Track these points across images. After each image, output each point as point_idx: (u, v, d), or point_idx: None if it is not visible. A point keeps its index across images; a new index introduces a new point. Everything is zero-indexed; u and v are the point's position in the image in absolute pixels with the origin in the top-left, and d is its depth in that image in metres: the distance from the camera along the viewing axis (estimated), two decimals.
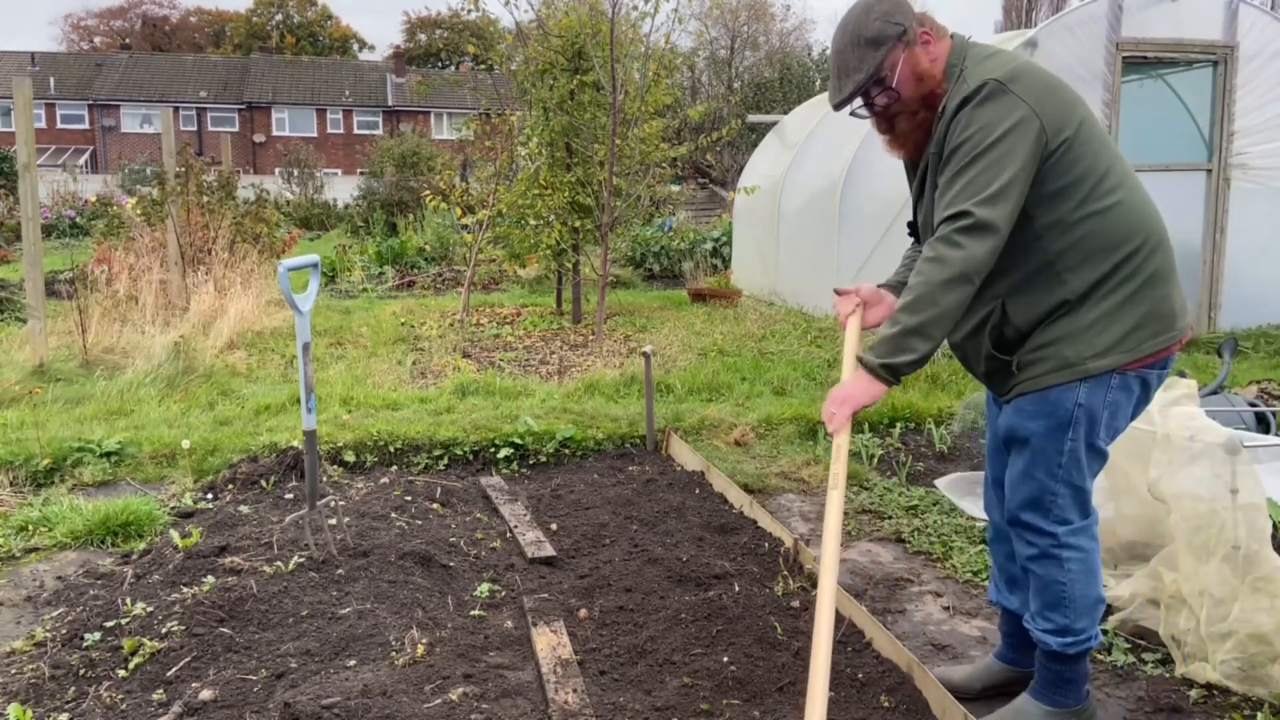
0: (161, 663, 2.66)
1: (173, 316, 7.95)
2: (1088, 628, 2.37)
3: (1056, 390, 2.28)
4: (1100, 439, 2.32)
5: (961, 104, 2.22)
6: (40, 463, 4.51)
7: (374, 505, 3.89)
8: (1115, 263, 2.25)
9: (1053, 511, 2.33)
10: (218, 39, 60.83)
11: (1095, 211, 2.23)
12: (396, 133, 32.52)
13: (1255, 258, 7.77)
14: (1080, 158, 2.23)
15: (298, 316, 3.26)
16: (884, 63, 2.27)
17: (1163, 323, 2.29)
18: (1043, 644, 2.40)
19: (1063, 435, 2.29)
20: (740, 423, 5.25)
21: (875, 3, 2.31)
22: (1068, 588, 2.34)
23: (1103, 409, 2.28)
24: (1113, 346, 2.25)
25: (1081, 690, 2.43)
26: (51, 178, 26.00)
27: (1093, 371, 2.25)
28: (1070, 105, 2.25)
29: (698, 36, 26.67)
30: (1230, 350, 5.65)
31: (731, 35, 32.36)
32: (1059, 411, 2.28)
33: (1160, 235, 2.32)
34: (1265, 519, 2.65)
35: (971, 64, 2.29)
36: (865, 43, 2.28)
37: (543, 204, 8.86)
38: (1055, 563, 2.34)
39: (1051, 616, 2.37)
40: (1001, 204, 2.15)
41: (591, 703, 2.47)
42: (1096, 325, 2.25)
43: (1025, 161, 2.16)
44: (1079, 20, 7.22)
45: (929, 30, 2.33)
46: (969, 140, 2.19)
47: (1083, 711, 2.44)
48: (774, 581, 3.26)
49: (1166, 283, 2.32)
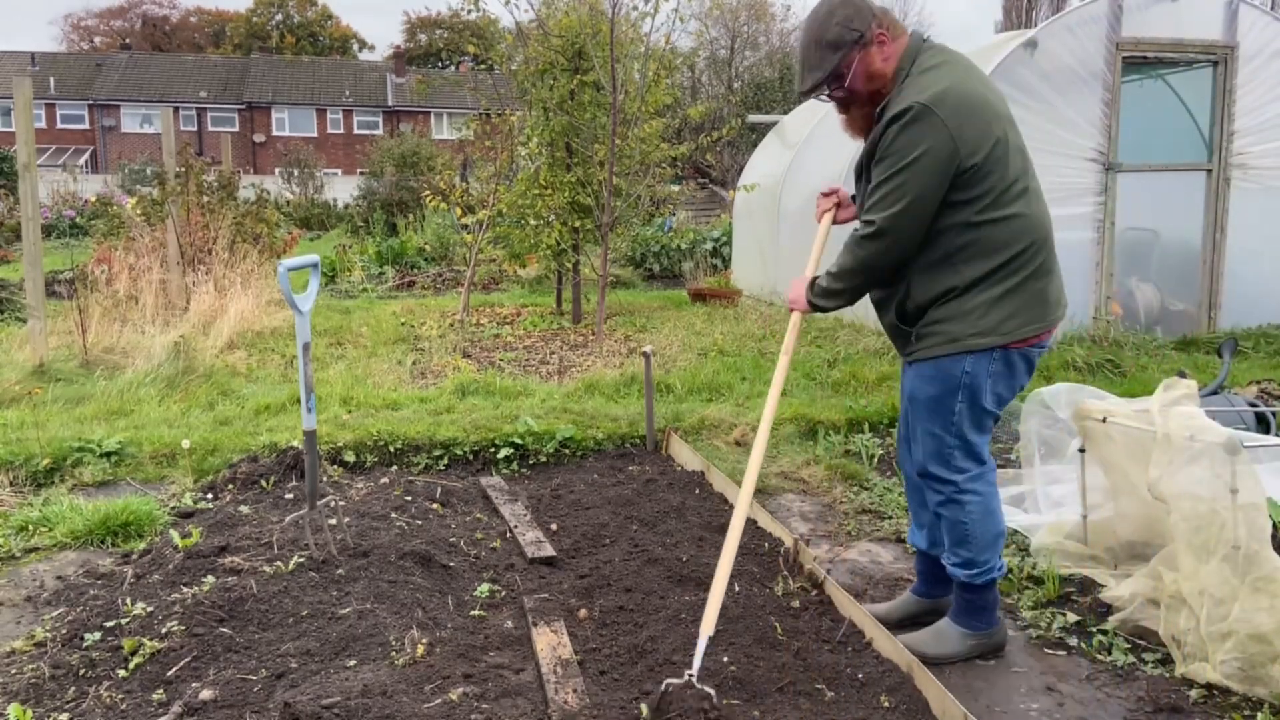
0: (161, 663, 2.66)
1: (173, 316, 7.95)
2: (990, 560, 2.80)
3: (946, 360, 2.70)
4: (986, 401, 2.72)
5: (891, 121, 2.57)
6: (40, 463, 4.51)
7: (374, 505, 3.89)
8: (1001, 261, 2.63)
9: (951, 462, 2.76)
10: (218, 39, 60.82)
11: (993, 219, 2.61)
12: (396, 133, 32.51)
13: (1255, 258, 7.76)
14: (989, 174, 2.58)
15: (298, 316, 3.26)
16: (841, 63, 2.63)
17: (1037, 312, 2.68)
18: (955, 576, 2.84)
19: (953, 398, 2.71)
20: (740, 423, 5.25)
21: (838, 6, 2.63)
22: (969, 526, 2.77)
23: (986, 378, 2.69)
24: (992, 329, 2.64)
25: (993, 616, 2.87)
26: (51, 178, 26.00)
27: (974, 347, 2.65)
28: (988, 127, 2.58)
29: (698, 36, 26.65)
30: (1230, 350, 5.65)
31: (731, 35, 32.34)
32: (948, 379, 2.70)
33: (1044, 239, 2.71)
34: (1265, 519, 2.64)
35: (915, 73, 2.63)
36: (825, 45, 2.63)
37: (543, 204, 8.86)
38: (958, 506, 2.77)
39: (959, 552, 2.80)
40: (904, 217, 2.58)
41: (591, 703, 2.47)
42: (978, 310, 2.64)
43: (933, 181, 2.55)
44: (1079, 20, 7.22)
45: (885, 30, 2.65)
46: (890, 156, 2.57)
47: (993, 634, 2.88)
48: (774, 581, 3.26)
49: (1045, 278, 2.71)
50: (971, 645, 2.86)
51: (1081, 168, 7.26)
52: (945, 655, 2.84)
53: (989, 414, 2.75)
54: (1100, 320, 7.28)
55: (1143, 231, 7.85)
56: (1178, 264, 7.93)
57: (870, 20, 2.63)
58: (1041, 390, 3.78)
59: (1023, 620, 3.12)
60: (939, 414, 2.75)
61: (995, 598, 2.88)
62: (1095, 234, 7.34)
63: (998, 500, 2.84)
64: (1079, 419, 3.36)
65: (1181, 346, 7.36)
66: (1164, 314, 7.81)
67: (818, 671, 2.67)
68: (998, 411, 2.76)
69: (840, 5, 2.64)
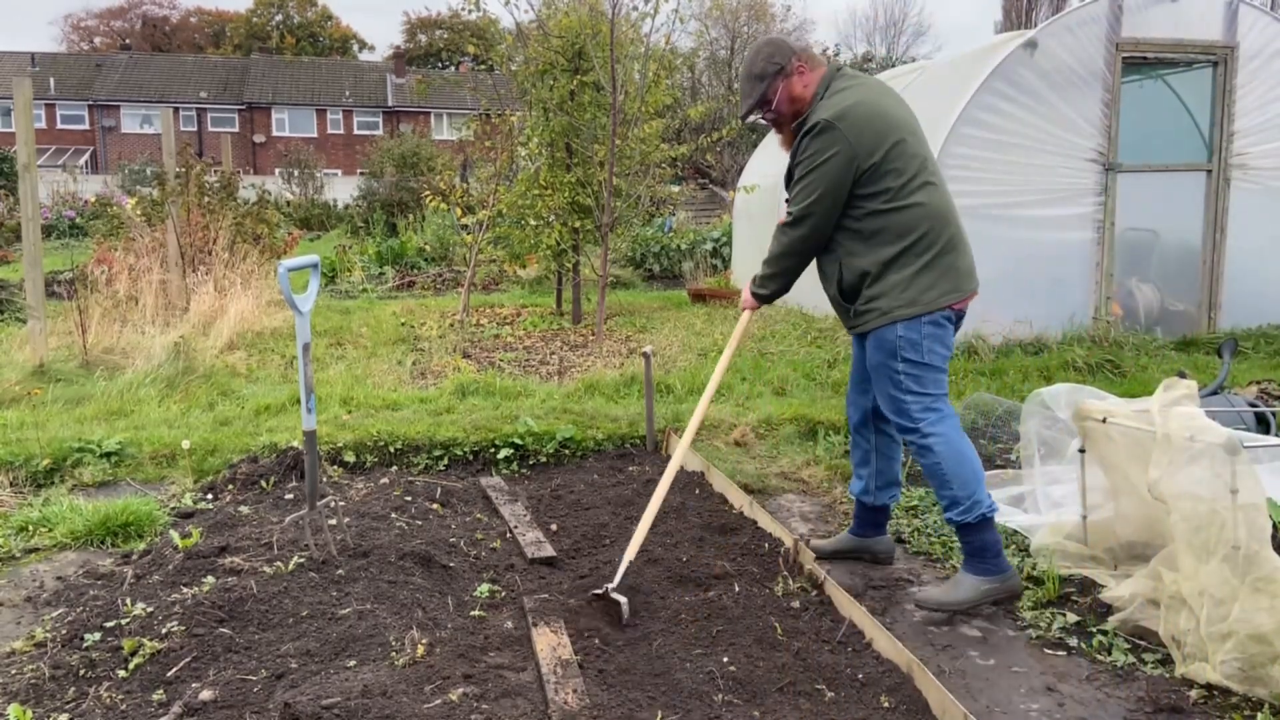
0: (161, 663, 2.66)
1: (173, 317, 7.95)
2: (974, 494, 3.09)
3: (882, 330, 3.19)
4: (926, 358, 3.16)
5: (805, 134, 3.17)
6: (40, 463, 4.51)
7: (374, 505, 3.89)
8: (909, 243, 3.13)
9: (909, 413, 3.19)
10: (218, 39, 60.82)
11: (897, 208, 3.13)
12: (397, 133, 32.51)
13: (1255, 258, 7.76)
14: (887, 174, 3.12)
15: (298, 317, 3.26)
16: (766, 91, 3.27)
17: (952, 283, 3.18)
18: (950, 522, 3.17)
19: (895, 360, 3.19)
20: (740, 423, 5.25)
21: (764, 45, 3.31)
22: (943, 466, 3.12)
23: (921, 339, 3.15)
24: (915, 300, 3.13)
25: (1001, 560, 3.14)
26: (51, 178, 26.00)
27: (901, 317, 3.14)
28: (883, 136, 3.13)
29: (698, 37, 26.66)
30: (1230, 350, 5.65)
31: (732, 35, 32.35)
32: (887, 344, 3.19)
33: (945, 222, 3.19)
34: (1265, 519, 2.64)
35: (827, 95, 3.22)
36: (754, 77, 3.27)
37: (543, 204, 8.86)
38: (927, 450, 3.15)
39: (943, 494, 3.14)
40: (817, 205, 3.16)
41: (591, 703, 2.47)
42: (900, 285, 3.15)
43: (838, 177, 3.11)
44: (1079, 20, 7.22)
45: (804, 63, 3.27)
46: (805, 161, 3.17)
47: (1006, 579, 3.14)
48: (774, 582, 3.26)
49: (953, 254, 3.19)
50: (985, 590, 3.10)
51: (1081, 168, 7.26)
52: (959, 601, 3.11)
53: (932, 368, 3.17)
54: (1100, 320, 7.29)
55: (1143, 232, 7.85)
56: (1178, 264, 7.93)
57: (790, 56, 3.25)
58: (1041, 391, 3.78)
59: (1023, 620, 3.12)
60: (889, 377, 3.21)
61: (995, 538, 3.13)
62: (1095, 234, 7.34)
63: (967, 443, 3.17)
64: (1079, 419, 3.36)
65: (1181, 347, 7.36)
66: (1164, 314, 7.81)
67: (818, 671, 2.67)
68: (942, 365, 3.20)
69: (765, 45, 3.31)
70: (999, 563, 3.12)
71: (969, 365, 6.55)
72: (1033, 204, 7.18)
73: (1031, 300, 7.15)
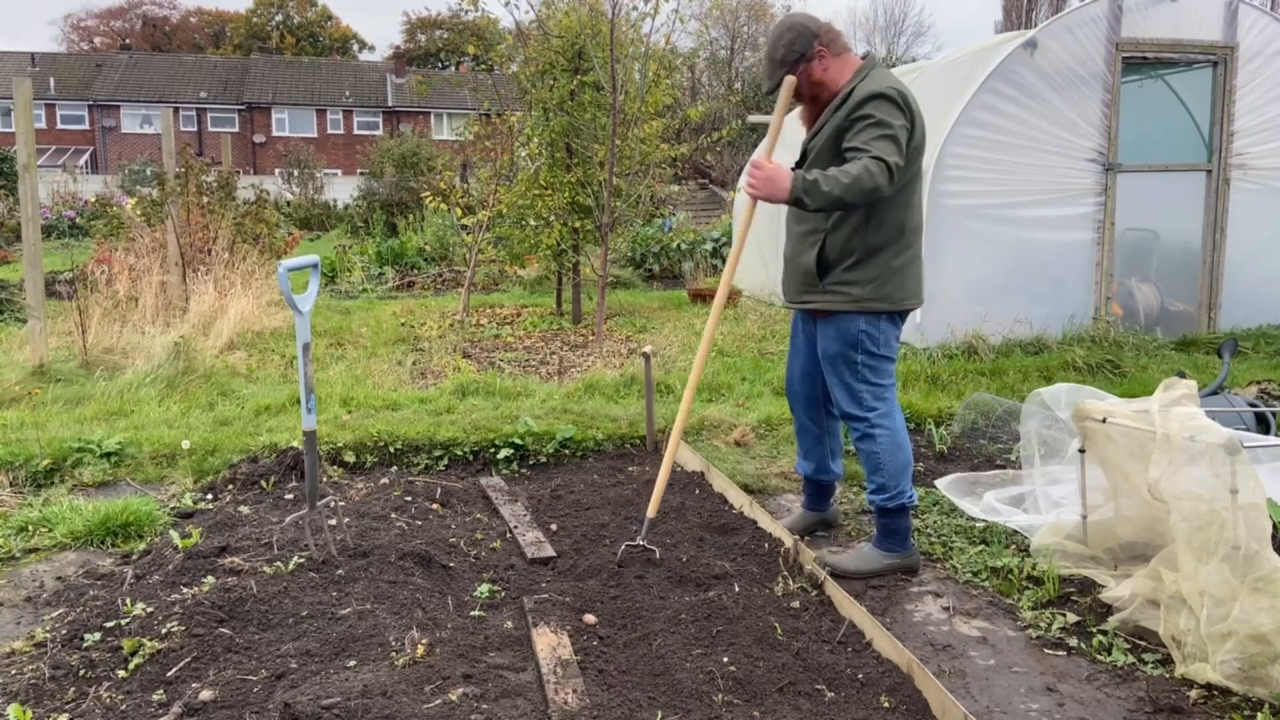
0: (161, 663, 2.66)
1: (173, 317, 7.95)
2: (900, 484, 3.37)
3: (844, 319, 3.33)
4: (881, 350, 3.36)
5: (872, 97, 3.18)
6: (40, 463, 4.51)
7: (374, 506, 3.89)
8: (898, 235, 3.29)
9: (864, 402, 3.38)
10: (218, 39, 60.82)
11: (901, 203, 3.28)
12: (396, 133, 32.51)
13: (1255, 258, 7.76)
14: (914, 161, 3.26)
15: (298, 317, 3.26)
16: (787, 75, 3.35)
17: (913, 289, 3.39)
18: (872, 503, 3.43)
19: (854, 351, 3.35)
20: (740, 423, 5.25)
21: (787, 30, 3.36)
22: (880, 455, 3.36)
23: (878, 333, 3.34)
24: (884, 297, 3.31)
25: (908, 541, 3.46)
26: (51, 178, 26.01)
27: (868, 309, 3.31)
28: (925, 133, 3.32)
29: (698, 37, 26.67)
30: (1230, 350, 5.65)
31: (731, 35, 32.36)
32: (848, 335, 3.35)
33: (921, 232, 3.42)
34: (1265, 519, 2.64)
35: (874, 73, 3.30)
36: (776, 61, 3.38)
37: (543, 204, 8.86)
38: (871, 439, 3.38)
39: (874, 479, 3.40)
40: (898, 167, 3.12)
41: (591, 703, 2.47)
42: (878, 279, 3.29)
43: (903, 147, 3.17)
44: (1079, 20, 7.22)
45: (826, 47, 3.33)
46: (880, 123, 3.14)
47: (907, 556, 3.46)
48: (774, 582, 3.26)
49: (920, 264, 3.42)
50: (887, 564, 3.44)
51: (1081, 168, 7.26)
52: (863, 571, 3.42)
53: (887, 360, 3.40)
54: (1100, 320, 7.29)
55: (1142, 232, 7.85)
56: (1177, 264, 7.93)
57: (812, 41, 3.32)
58: (1041, 390, 3.78)
59: (1023, 620, 3.12)
60: (846, 366, 3.38)
61: (908, 524, 3.45)
62: (1095, 234, 7.34)
63: (906, 436, 3.44)
64: (1079, 419, 3.36)
65: (1181, 347, 7.36)
66: (1164, 314, 7.81)
67: (818, 671, 2.67)
68: (894, 357, 3.45)
69: (788, 29, 3.35)
70: (906, 543, 3.45)
71: (969, 365, 6.55)
72: (1033, 204, 7.18)
73: (1031, 300, 7.15)
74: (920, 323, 6.92)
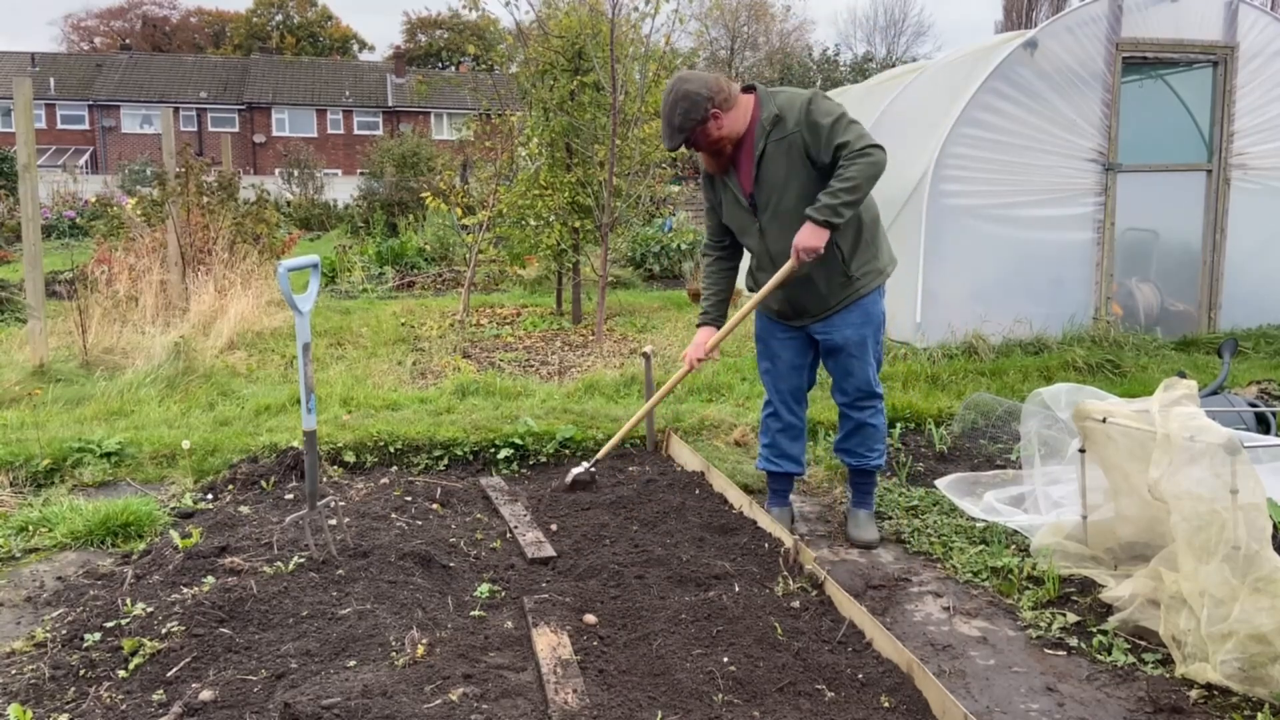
0: (161, 663, 2.66)
1: (173, 317, 7.95)
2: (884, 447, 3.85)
3: (869, 299, 3.61)
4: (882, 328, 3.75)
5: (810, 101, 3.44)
6: (40, 463, 4.51)
7: (374, 506, 3.89)
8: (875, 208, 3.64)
9: (874, 380, 3.72)
10: (218, 39, 60.83)
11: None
12: (397, 133, 32.51)
13: (1255, 258, 7.75)
14: None
15: (298, 317, 3.26)
16: (686, 139, 3.50)
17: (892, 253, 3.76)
18: (869, 468, 3.82)
19: (879, 331, 3.70)
20: (740, 423, 5.25)
21: (680, 100, 3.42)
22: (880, 428, 3.79)
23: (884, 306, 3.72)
24: (890, 260, 3.71)
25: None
26: (51, 178, 26.01)
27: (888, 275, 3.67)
28: None
29: (698, 37, 26.68)
30: (1230, 350, 5.65)
31: (731, 36, 32.40)
32: (871, 317, 3.64)
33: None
34: (1265, 519, 2.64)
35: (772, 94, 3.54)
36: (674, 128, 3.48)
37: (543, 204, 8.86)
38: (880, 414, 3.77)
39: (875, 448, 3.79)
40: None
41: (591, 703, 2.47)
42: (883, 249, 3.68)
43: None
44: (1079, 20, 7.21)
45: (719, 109, 3.44)
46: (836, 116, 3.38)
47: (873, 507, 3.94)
48: (774, 582, 3.26)
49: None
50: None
51: (1081, 168, 7.26)
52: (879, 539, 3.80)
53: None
54: (1100, 320, 7.29)
55: (1142, 232, 7.85)
56: (1178, 264, 7.93)
57: (705, 106, 3.41)
58: (1041, 390, 3.78)
59: (1023, 620, 3.12)
60: (873, 345, 3.67)
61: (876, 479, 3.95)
62: (1095, 234, 7.34)
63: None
64: (1079, 419, 3.36)
65: (1181, 347, 7.36)
66: (1164, 314, 7.81)
67: (818, 671, 2.67)
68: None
69: (681, 98, 3.42)
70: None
71: (969, 365, 6.54)
72: (1033, 204, 7.18)
73: (1031, 300, 7.15)
74: (920, 323, 6.92)
